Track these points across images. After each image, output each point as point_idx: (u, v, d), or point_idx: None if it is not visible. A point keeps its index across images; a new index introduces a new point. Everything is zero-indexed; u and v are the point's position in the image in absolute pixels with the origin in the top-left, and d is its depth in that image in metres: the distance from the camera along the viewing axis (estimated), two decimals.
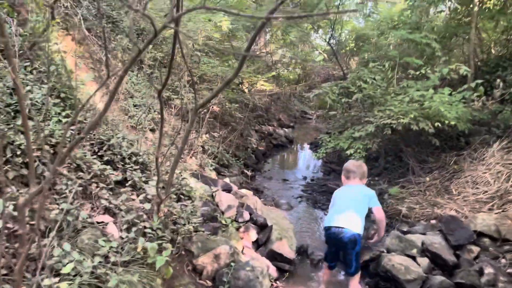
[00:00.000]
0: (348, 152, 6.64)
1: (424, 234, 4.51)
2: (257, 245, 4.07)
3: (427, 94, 6.28)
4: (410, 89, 6.70)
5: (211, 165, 6.59)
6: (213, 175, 6.46)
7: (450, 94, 6.35)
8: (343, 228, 3.67)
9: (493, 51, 8.57)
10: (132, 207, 3.03)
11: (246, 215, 4.21)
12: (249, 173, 7.78)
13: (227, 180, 6.03)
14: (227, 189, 5.34)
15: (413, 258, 3.98)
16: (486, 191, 5.40)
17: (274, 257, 3.96)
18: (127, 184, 3.21)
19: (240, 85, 9.92)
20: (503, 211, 4.80)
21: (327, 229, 3.81)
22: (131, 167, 3.40)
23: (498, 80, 6.32)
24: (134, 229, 2.80)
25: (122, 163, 3.42)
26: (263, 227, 4.20)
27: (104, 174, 3.06)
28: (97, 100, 5.57)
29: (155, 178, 3.29)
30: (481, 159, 6.20)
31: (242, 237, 4.02)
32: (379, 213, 3.94)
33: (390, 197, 6.26)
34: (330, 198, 4.62)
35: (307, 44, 19.38)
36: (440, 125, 6.07)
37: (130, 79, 6.54)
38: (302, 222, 5.87)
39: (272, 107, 18.46)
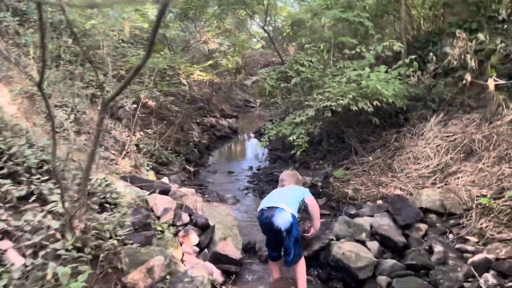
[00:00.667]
0: (290, 138, 6.44)
1: (372, 216, 4.40)
2: (199, 248, 3.73)
3: (363, 73, 6.20)
4: (347, 70, 6.60)
5: (147, 165, 6.11)
6: (151, 175, 6.00)
7: (386, 72, 6.32)
8: (276, 208, 3.48)
9: (423, 27, 8.73)
10: (41, 226, 2.56)
11: (185, 217, 3.84)
12: (191, 168, 7.38)
13: (165, 179, 5.61)
14: (165, 190, 4.93)
15: (363, 243, 3.83)
16: (428, 166, 5.41)
17: (219, 259, 3.64)
18: (31, 200, 2.72)
19: (176, 76, 9.40)
20: (445, 184, 4.81)
21: (260, 215, 3.58)
22: (38, 178, 2.90)
23: (431, 55, 6.36)
24: (42, 253, 2.35)
25: (28, 175, 2.91)
26: (204, 228, 3.85)
27: (1, 190, 2.56)
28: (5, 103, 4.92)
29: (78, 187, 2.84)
30: (420, 134, 6.24)
31: (182, 241, 3.66)
32: (311, 201, 3.77)
33: (336, 180, 6.15)
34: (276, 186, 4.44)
35: (245, 32, 19.05)
36: (378, 103, 6.02)
37: (47, 77, 5.86)
38: (250, 215, 5.59)
39: (214, 97, 18.01)
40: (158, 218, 3.79)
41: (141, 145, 6.63)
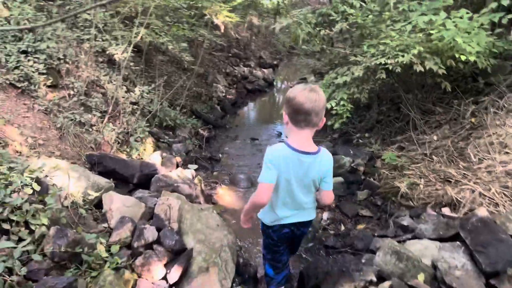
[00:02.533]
0: (328, 105, 4.91)
1: (436, 239, 2.94)
2: (167, 286, 2.49)
3: (437, 20, 4.41)
4: (413, 14, 4.81)
5: (143, 131, 4.86)
6: (145, 147, 4.76)
7: (470, 19, 4.48)
8: (304, 222, 2.30)
9: None
10: None
11: (150, 234, 2.56)
12: (205, 133, 6.08)
13: (155, 156, 4.34)
14: (149, 174, 3.68)
15: None
16: None
17: None
18: None
19: (202, 18, 7.86)
20: None
21: (279, 228, 2.29)
22: None
23: None
24: None
25: None
26: (178, 252, 2.59)
27: None
28: None
29: None
30: (510, 109, 4.49)
31: (141, 273, 2.42)
32: (329, 195, 2.26)
33: (384, 166, 4.63)
34: None
35: None
36: (453, 63, 4.31)
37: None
38: None
39: (253, 43, 16.35)
40: (110, 232, 2.55)
41: (142, 103, 5.36)
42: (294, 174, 2.04)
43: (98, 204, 2.87)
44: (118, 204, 2.71)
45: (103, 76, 5.11)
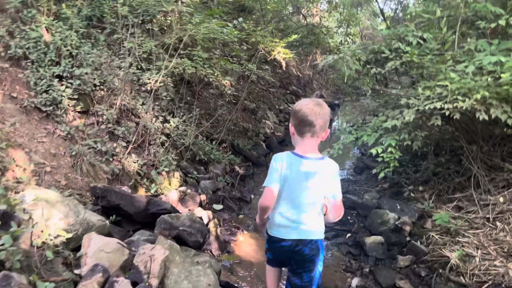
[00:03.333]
0: (373, 151, 4.34)
1: None
2: None
3: (508, 61, 3.75)
4: (480, 54, 4.17)
5: (170, 164, 4.61)
6: (169, 182, 4.50)
7: None
8: (304, 240, 2.17)
9: None
10: None
11: None
12: (241, 171, 5.71)
13: (173, 192, 4.02)
14: (156, 213, 3.36)
15: None
16: None
17: None
18: None
19: (260, 53, 7.66)
20: None
21: (276, 241, 2.23)
22: None
23: None
24: None
25: None
26: None
27: None
28: None
29: None
30: None
31: None
32: (339, 208, 2.19)
33: (435, 228, 3.90)
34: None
35: (366, 8, 16.60)
36: None
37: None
38: None
39: (315, 81, 16.03)
40: (76, 282, 2.21)
41: (176, 135, 5.16)
42: (296, 177, 2.07)
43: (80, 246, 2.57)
44: (95, 248, 2.38)
45: (140, 105, 5.00)
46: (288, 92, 12.11)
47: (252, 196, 5.18)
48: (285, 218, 2.14)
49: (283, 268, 2.49)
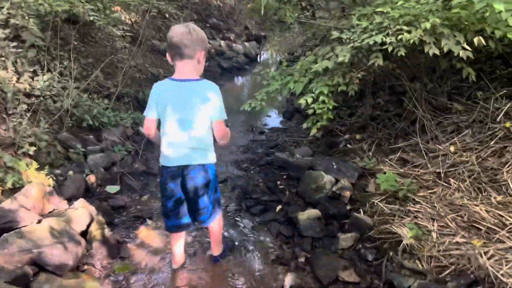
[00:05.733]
0: (301, 101, 3.48)
1: None
2: None
3: None
4: None
5: (40, 139, 3.44)
6: (38, 164, 3.35)
7: None
8: (190, 166, 2.26)
9: None
10: None
11: None
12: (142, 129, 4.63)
13: (31, 188, 2.90)
14: (3, 227, 2.29)
15: None
16: None
17: None
18: None
19: None
20: None
21: (165, 174, 2.33)
22: None
23: None
24: None
25: None
26: None
27: None
28: None
29: None
30: None
31: None
32: (221, 129, 2.30)
33: (378, 192, 3.23)
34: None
35: None
36: (483, 41, 2.85)
37: None
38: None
39: (236, 10, 14.52)
40: None
41: (50, 97, 3.92)
42: (175, 102, 2.13)
43: None
44: None
45: None
46: (208, 25, 10.76)
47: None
48: (170, 144, 2.21)
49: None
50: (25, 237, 2.25)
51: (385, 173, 3.29)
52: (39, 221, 2.47)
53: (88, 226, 2.74)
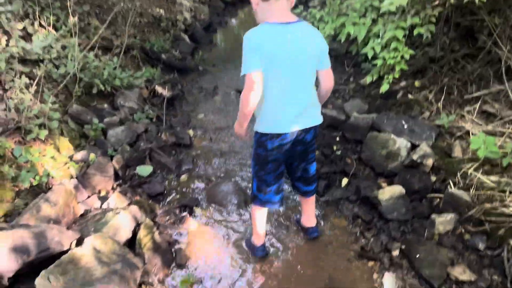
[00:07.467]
0: (367, 51, 2.81)
1: None
2: None
3: None
4: None
5: (50, 118, 2.77)
6: (55, 149, 2.73)
7: None
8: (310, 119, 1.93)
9: None
10: None
11: None
12: (165, 92, 3.95)
13: (59, 188, 2.31)
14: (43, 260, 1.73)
15: None
16: None
17: None
18: None
19: None
20: None
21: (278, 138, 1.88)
22: None
23: None
24: None
25: None
26: None
27: None
28: None
29: None
30: None
31: None
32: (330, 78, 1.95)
33: (469, 162, 2.69)
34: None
35: None
36: None
37: None
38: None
39: None
40: None
41: (51, 61, 3.18)
42: (284, 53, 1.70)
43: None
44: None
45: None
46: None
47: (192, 133, 3.57)
48: (283, 107, 1.81)
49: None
50: (68, 272, 1.71)
51: (473, 134, 2.73)
52: (79, 242, 1.92)
53: (134, 231, 2.21)
